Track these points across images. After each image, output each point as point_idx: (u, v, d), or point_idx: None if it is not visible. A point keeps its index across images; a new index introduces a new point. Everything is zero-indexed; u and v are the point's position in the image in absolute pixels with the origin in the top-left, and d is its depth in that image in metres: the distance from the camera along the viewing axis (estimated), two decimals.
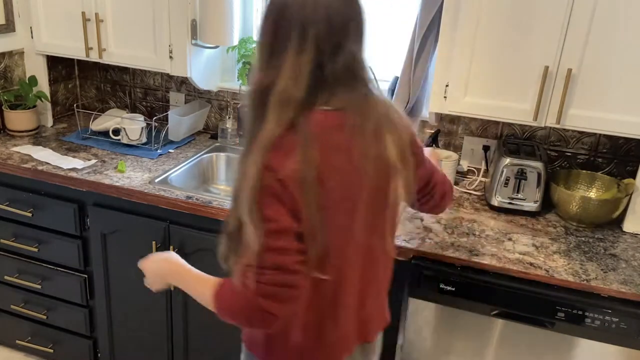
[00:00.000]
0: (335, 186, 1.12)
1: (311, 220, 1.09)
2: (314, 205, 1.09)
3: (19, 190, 2.16)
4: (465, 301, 1.68)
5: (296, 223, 1.09)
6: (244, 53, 2.38)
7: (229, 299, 1.15)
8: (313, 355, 1.28)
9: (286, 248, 1.09)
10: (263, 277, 1.09)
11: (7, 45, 2.37)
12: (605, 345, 1.60)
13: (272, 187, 1.07)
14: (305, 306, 1.20)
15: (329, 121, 1.12)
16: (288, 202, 1.07)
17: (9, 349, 2.52)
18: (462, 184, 2.20)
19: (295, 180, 1.07)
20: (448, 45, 1.84)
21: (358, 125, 1.13)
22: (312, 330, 1.24)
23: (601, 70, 1.70)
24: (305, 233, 1.10)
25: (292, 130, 1.08)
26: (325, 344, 1.27)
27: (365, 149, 1.14)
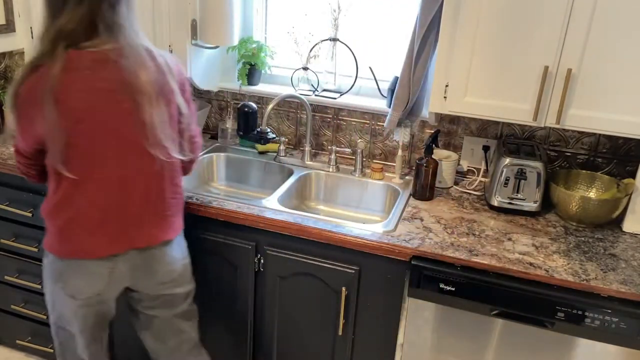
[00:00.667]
0: (76, 103, 1.43)
1: (49, 128, 1.43)
2: (51, 116, 1.41)
3: (19, 190, 2.16)
4: (465, 301, 1.69)
5: (33, 131, 1.47)
6: (244, 53, 2.38)
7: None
8: (65, 241, 1.56)
9: (18, 149, 1.59)
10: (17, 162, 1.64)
11: (7, 46, 2.38)
12: (605, 345, 1.60)
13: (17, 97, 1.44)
14: (61, 196, 1.52)
15: (88, 56, 1.43)
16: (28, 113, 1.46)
17: (9, 349, 2.52)
18: (462, 184, 2.20)
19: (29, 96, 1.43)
20: (448, 45, 1.84)
21: (112, 60, 1.44)
22: (63, 218, 1.55)
23: (601, 70, 1.70)
24: (46, 137, 1.45)
25: (52, 60, 1.40)
26: (95, 239, 1.55)
27: (113, 76, 1.44)
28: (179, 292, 1.76)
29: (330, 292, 1.86)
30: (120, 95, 1.47)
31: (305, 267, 1.86)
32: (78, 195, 1.51)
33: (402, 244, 1.73)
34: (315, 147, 2.43)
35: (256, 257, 1.91)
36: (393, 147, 2.34)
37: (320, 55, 2.39)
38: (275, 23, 2.48)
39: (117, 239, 1.57)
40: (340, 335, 1.90)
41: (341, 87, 2.41)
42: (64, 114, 1.42)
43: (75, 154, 1.48)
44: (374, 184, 2.22)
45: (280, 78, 2.50)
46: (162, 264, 1.67)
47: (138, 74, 1.46)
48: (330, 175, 2.28)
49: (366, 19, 2.33)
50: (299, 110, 2.43)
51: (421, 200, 2.05)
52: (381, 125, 2.31)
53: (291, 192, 2.17)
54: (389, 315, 1.83)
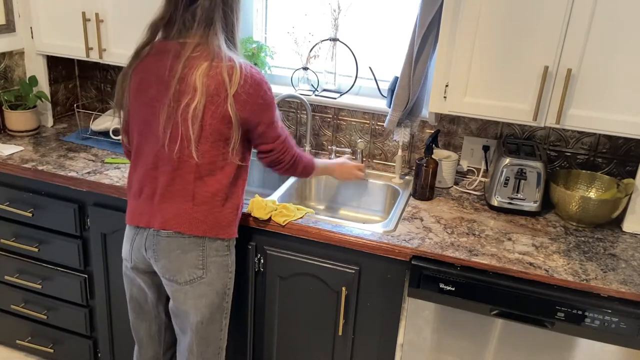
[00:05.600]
0: (133, 85, 1.62)
1: (122, 103, 1.67)
2: (122, 92, 1.65)
3: (19, 190, 2.16)
4: (465, 301, 1.69)
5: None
6: (244, 53, 2.38)
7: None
8: (129, 207, 1.72)
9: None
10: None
11: (7, 46, 2.38)
12: (605, 345, 1.60)
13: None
14: (130, 166, 1.73)
15: (158, 46, 1.61)
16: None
17: (9, 349, 2.52)
18: (462, 184, 2.20)
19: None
20: (448, 45, 1.84)
21: (176, 53, 1.55)
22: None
23: (601, 70, 1.71)
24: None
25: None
26: (130, 203, 1.72)
27: (171, 67, 1.55)
28: (178, 304, 1.71)
29: (330, 292, 1.86)
30: (158, 84, 1.58)
31: (305, 267, 1.86)
32: (132, 167, 1.71)
33: (402, 244, 1.73)
34: (315, 147, 2.43)
35: (256, 257, 1.91)
36: (393, 147, 2.34)
37: (320, 55, 2.39)
38: (275, 23, 2.48)
39: (142, 213, 1.67)
40: (340, 335, 1.90)
41: (341, 87, 2.41)
42: (128, 93, 1.64)
43: (132, 130, 1.68)
44: (374, 184, 2.22)
45: (280, 78, 2.50)
46: (165, 254, 1.65)
47: (173, 67, 1.54)
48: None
49: (366, 19, 2.33)
50: (299, 110, 2.43)
51: (421, 200, 2.05)
52: (381, 125, 2.31)
53: (291, 192, 2.17)
54: (389, 316, 1.83)
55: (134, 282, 1.79)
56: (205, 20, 1.54)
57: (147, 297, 1.80)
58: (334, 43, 2.34)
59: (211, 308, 1.71)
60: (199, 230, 1.63)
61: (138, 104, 1.62)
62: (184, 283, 1.66)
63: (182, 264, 1.65)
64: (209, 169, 1.60)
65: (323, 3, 2.32)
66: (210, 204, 1.63)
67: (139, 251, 1.69)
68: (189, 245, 1.64)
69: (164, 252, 1.64)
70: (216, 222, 1.65)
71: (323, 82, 2.41)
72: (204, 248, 1.65)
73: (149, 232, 1.66)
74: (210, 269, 1.67)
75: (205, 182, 1.61)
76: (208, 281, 1.68)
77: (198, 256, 1.65)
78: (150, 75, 1.59)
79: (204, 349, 1.75)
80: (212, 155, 1.58)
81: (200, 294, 1.68)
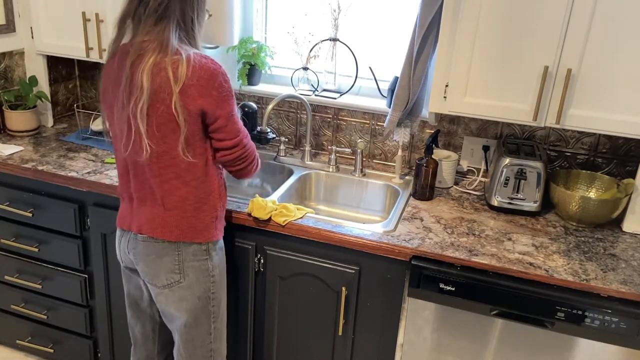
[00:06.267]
0: (103, 86, 1.62)
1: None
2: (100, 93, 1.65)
3: (19, 190, 2.16)
4: (465, 301, 1.69)
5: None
6: (244, 53, 2.38)
7: None
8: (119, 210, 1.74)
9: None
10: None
11: (7, 46, 2.38)
12: (605, 345, 1.60)
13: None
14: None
15: (123, 48, 1.56)
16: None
17: (9, 349, 2.52)
18: (462, 184, 2.20)
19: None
20: (448, 45, 1.84)
21: (127, 52, 1.52)
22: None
23: (601, 70, 1.71)
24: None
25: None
26: (120, 207, 1.73)
27: (122, 68, 1.51)
28: (161, 306, 1.72)
29: (330, 292, 1.86)
30: (114, 86, 1.56)
31: (305, 267, 1.86)
32: (120, 169, 1.68)
33: (402, 244, 1.73)
34: (315, 147, 2.43)
35: (256, 257, 1.91)
36: (393, 147, 2.34)
37: (320, 55, 2.39)
38: (275, 23, 2.48)
39: (125, 216, 1.69)
40: (340, 335, 1.90)
41: (341, 87, 2.41)
42: (100, 96, 1.66)
43: (111, 130, 1.66)
44: (374, 184, 2.22)
45: (280, 78, 2.50)
46: (142, 258, 1.65)
47: (123, 66, 1.51)
48: (330, 175, 2.28)
49: (366, 19, 2.33)
50: (299, 110, 2.43)
51: (421, 200, 2.05)
52: (381, 125, 2.31)
53: (291, 192, 2.17)
54: (389, 315, 1.83)
55: (131, 280, 1.81)
56: (160, 14, 1.49)
57: (142, 295, 1.81)
58: (334, 43, 2.34)
59: (194, 312, 1.68)
60: (171, 235, 1.60)
61: (105, 106, 1.64)
62: (162, 287, 1.66)
63: (159, 269, 1.64)
64: (173, 171, 1.55)
65: (323, 3, 2.32)
66: (181, 208, 1.59)
67: (125, 253, 1.72)
68: (164, 250, 1.62)
69: (142, 256, 1.65)
70: (190, 226, 1.61)
71: (323, 82, 2.41)
72: (179, 252, 1.63)
73: (130, 236, 1.68)
74: (188, 274, 1.64)
75: (173, 185, 1.57)
76: (187, 285, 1.65)
77: (174, 261, 1.63)
78: (109, 78, 1.59)
79: (191, 352, 1.75)
80: (172, 157, 1.53)
81: (180, 298, 1.66)
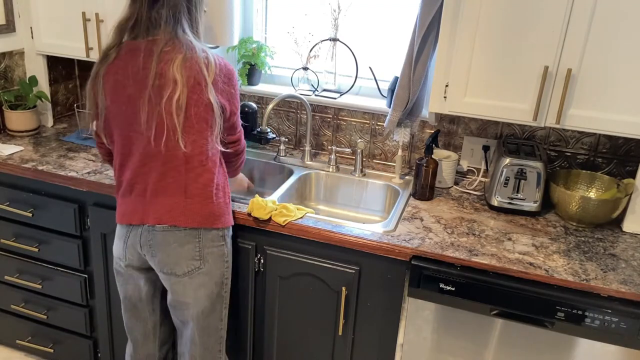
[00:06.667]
0: (113, 84, 1.61)
1: (97, 105, 1.65)
2: (95, 95, 1.63)
3: (19, 190, 2.16)
4: (465, 301, 1.69)
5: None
6: (244, 53, 2.38)
7: None
8: (118, 207, 1.74)
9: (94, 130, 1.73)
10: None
11: (7, 45, 2.38)
12: (605, 345, 1.60)
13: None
14: (114, 169, 1.73)
15: (128, 46, 1.60)
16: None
17: (9, 349, 2.52)
18: (462, 184, 2.20)
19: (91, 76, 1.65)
20: (448, 45, 1.84)
21: (148, 50, 1.57)
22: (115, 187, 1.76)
23: (601, 70, 1.71)
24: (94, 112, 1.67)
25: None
26: (119, 203, 1.73)
27: (145, 65, 1.56)
28: (177, 296, 1.74)
29: (330, 292, 1.86)
30: (127, 80, 1.59)
31: (305, 267, 1.86)
32: (119, 168, 1.70)
33: (402, 244, 1.73)
34: (315, 147, 2.43)
35: (256, 257, 1.91)
36: (393, 147, 2.34)
37: (320, 55, 2.39)
38: (275, 23, 2.48)
39: (134, 211, 1.68)
40: (340, 335, 1.90)
41: (341, 87, 2.41)
42: (103, 95, 1.63)
43: (113, 131, 1.67)
44: (374, 184, 2.22)
45: (280, 78, 2.50)
46: (162, 248, 1.67)
47: (147, 63, 1.56)
48: (330, 175, 2.28)
49: (366, 19, 2.33)
50: (299, 110, 2.43)
51: (421, 200, 2.05)
52: (381, 125, 2.31)
53: (291, 192, 2.17)
54: (389, 315, 1.83)
55: (129, 280, 1.80)
56: (172, 18, 1.58)
57: (141, 294, 1.81)
58: (334, 43, 2.34)
59: (211, 298, 1.74)
60: (194, 222, 1.65)
61: (116, 105, 1.62)
62: (183, 275, 1.68)
63: (180, 257, 1.67)
64: (199, 160, 1.63)
65: (323, 3, 2.32)
66: (202, 195, 1.65)
67: (134, 248, 1.71)
68: (185, 237, 1.66)
69: (161, 247, 1.66)
70: (211, 213, 1.67)
71: (323, 82, 2.41)
72: (200, 239, 1.67)
73: (143, 229, 1.68)
74: (208, 260, 1.70)
75: (197, 173, 1.63)
76: (206, 271, 1.70)
77: (195, 248, 1.67)
78: (124, 75, 1.60)
79: (206, 339, 1.78)
80: (201, 145, 1.61)
81: (199, 285, 1.71)
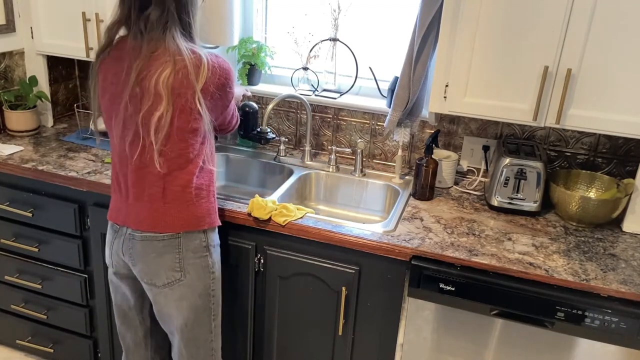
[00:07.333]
0: (102, 82, 1.60)
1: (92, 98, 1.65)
2: (93, 92, 1.64)
3: (19, 190, 2.16)
4: (465, 301, 1.69)
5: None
6: (244, 53, 2.38)
7: None
8: (110, 203, 1.72)
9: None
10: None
11: (7, 45, 2.38)
12: (605, 345, 1.60)
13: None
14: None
15: (124, 45, 1.56)
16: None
17: (9, 349, 2.52)
18: (462, 184, 2.20)
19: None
20: (448, 45, 1.84)
21: (135, 52, 1.52)
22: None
23: (601, 70, 1.71)
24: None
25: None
26: (111, 199, 1.71)
27: (128, 69, 1.52)
28: (160, 307, 1.70)
29: (330, 292, 1.86)
30: (111, 83, 1.57)
31: (305, 267, 1.86)
32: (112, 161, 1.67)
33: (402, 244, 1.73)
34: (315, 147, 2.43)
35: (256, 257, 1.91)
36: (393, 147, 2.34)
37: (320, 55, 2.39)
38: (275, 23, 2.48)
39: (119, 209, 1.66)
40: (340, 335, 1.90)
41: (341, 87, 2.41)
42: (95, 92, 1.63)
43: (107, 124, 1.65)
44: (374, 184, 2.22)
45: (280, 78, 2.50)
46: (141, 258, 1.63)
47: (130, 67, 1.51)
48: (330, 175, 2.28)
49: (366, 19, 2.33)
50: (299, 110, 2.43)
51: (421, 200, 2.05)
52: (381, 125, 2.31)
53: (291, 192, 2.17)
54: (389, 315, 1.83)
55: (118, 290, 1.78)
56: (161, 24, 1.50)
57: (130, 303, 1.79)
58: (334, 43, 2.34)
59: (194, 310, 1.68)
60: (175, 227, 1.60)
61: (104, 101, 1.61)
62: (162, 286, 1.64)
63: (159, 267, 1.62)
64: (177, 163, 1.57)
65: (323, 3, 2.32)
66: (181, 198, 1.60)
67: (118, 255, 1.68)
68: (164, 247, 1.61)
69: (140, 256, 1.63)
70: (192, 215, 1.62)
71: (323, 82, 2.41)
72: (179, 250, 1.62)
73: (125, 236, 1.64)
74: (189, 271, 1.64)
75: (174, 176, 1.58)
76: (187, 283, 1.65)
77: (174, 259, 1.62)
78: (110, 74, 1.58)
79: (194, 351, 1.74)
80: (180, 149, 1.55)
81: (181, 296, 1.66)
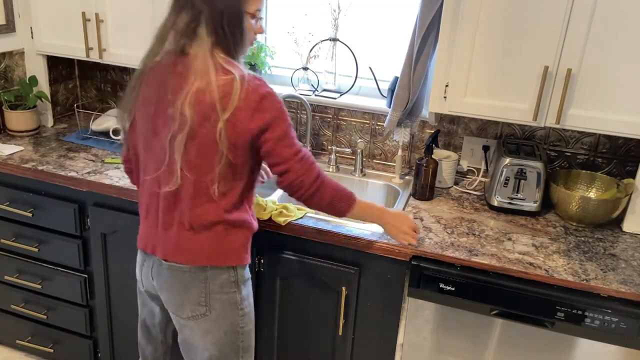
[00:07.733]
0: (143, 99, 1.51)
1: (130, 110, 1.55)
2: (130, 100, 1.53)
3: (19, 190, 2.16)
4: (465, 301, 1.69)
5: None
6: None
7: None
8: (140, 229, 1.63)
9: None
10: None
11: (7, 45, 2.38)
12: (605, 345, 1.60)
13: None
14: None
15: (169, 59, 1.47)
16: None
17: (9, 349, 2.52)
18: (462, 184, 2.20)
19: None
20: (448, 45, 1.84)
21: (174, 71, 1.45)
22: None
23: (601, 70, 1.71)
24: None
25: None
26: (140, 225, 1.63)
27: (166, 89, 1.44)
28: (185, 337, 1.62)
29: (330, 292, 1.86)
30: (152, 102, 1.49)
31: (305, 267, 1.86)
32: (140, 184, 1.61)
33: (402, 244, 1.73)
34: (315, 147, 2.43)
35: (256, 257, 1.91)
36: (393, 147, 2.34)
37: (320, 55, 2.39)
38: (275, 23, 2.48)
39: (149, 238, 1.58)
40: (340, 335, 1.90)
41: (341, 87, 2.41)
42: (133, 104, 1.53)
43: (137, 141, 1.56)
44: (374, 184, 2.22)
45: (280, 78, 2.50)
46: (167, 287, 1.57)
47: (167, 87, 1.44)
48: (330, 175, 2.27)
49: (366, 19, 2.33)
50: (299, 110, 2.43)
51: (421, 200, 2.05)
52: (381, 125, 2.31)
53: None
54: (389, 315, 1.83)
55: (145, 305, 1.72)
56: (191, 33, 1.42)
57: (155, 321, 1.73)
58: (334, 43, 2.34)
59: (220, 347, 1.59)
60: (201, 259, 1.52)
61: (141, 117, 1.52)
62: (187, 319, 1.57)
63: (184, 300, 1.55)
64: (207, 194, 1.46)
65: (323, 3, 2.32)
66: (211, 230, 1.50)
67: (148, 279, 1.62)
68: (190, 280, 1.53)
69: (166, 285, 1.56)
70: (219, 250, 1.52)
71: (323, 82, 2.41)
72: (206, 284, 1.53)
73: (154, 261, 1.58)
74: (215, 307, 1.55)
75: (204, 209, 1.48)
76: (213, 318, 1.56)
77: (200, 293, 1.54)
78: (152, 92, 1.48)
79: None
80: (207, 181, 1.45)
81: (206, 331, 1.58)
